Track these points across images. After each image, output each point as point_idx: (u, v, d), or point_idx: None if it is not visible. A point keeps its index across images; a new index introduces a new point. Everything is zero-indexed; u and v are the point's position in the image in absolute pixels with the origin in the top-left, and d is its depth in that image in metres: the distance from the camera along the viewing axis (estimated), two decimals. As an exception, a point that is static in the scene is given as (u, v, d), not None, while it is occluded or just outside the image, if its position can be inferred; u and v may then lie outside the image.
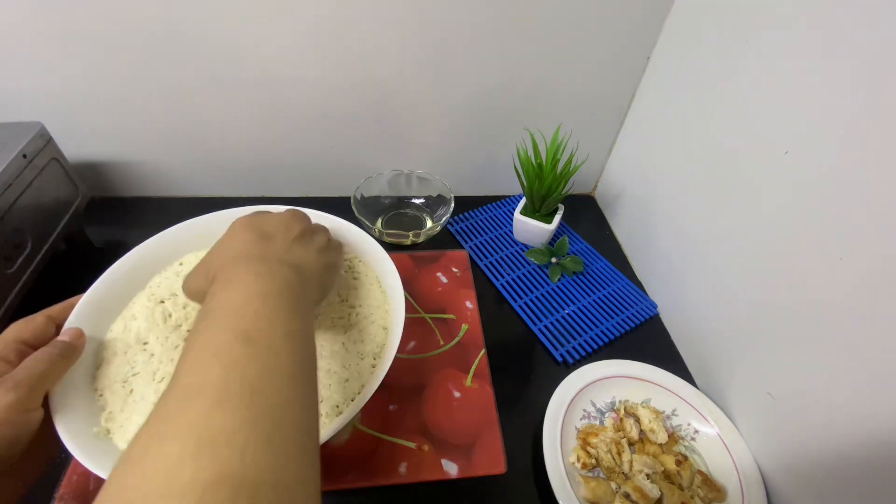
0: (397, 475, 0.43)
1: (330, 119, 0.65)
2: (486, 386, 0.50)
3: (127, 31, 0.54)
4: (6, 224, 0.48)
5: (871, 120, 0.35)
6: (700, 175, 0.55)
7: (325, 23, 0.55)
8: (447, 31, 0.58)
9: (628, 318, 0.61)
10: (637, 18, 0.60)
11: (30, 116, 0.54)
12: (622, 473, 0.46)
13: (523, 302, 0.62)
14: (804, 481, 0.42)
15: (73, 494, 0.40)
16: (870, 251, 0.36)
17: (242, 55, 0.57)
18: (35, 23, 0.52)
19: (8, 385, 0.28)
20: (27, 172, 0.51)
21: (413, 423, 0.47)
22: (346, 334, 0.42)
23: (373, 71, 0.61)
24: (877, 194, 0.35)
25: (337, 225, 0.48)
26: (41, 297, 0.46)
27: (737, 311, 0.50)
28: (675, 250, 0.60)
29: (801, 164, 0.41)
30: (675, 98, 0.59)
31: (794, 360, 0.43)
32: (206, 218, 0.46)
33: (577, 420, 0.50)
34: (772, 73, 0.44)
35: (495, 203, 0.76)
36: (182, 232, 0.44)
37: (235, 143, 0.67)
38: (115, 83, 0.58)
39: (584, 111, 0.69)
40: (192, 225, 0.45)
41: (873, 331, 0.35)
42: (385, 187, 0.71)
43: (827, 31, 0.39)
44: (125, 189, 0.71)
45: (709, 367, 0.54)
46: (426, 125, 0.68)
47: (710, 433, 0.49)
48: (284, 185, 0.73)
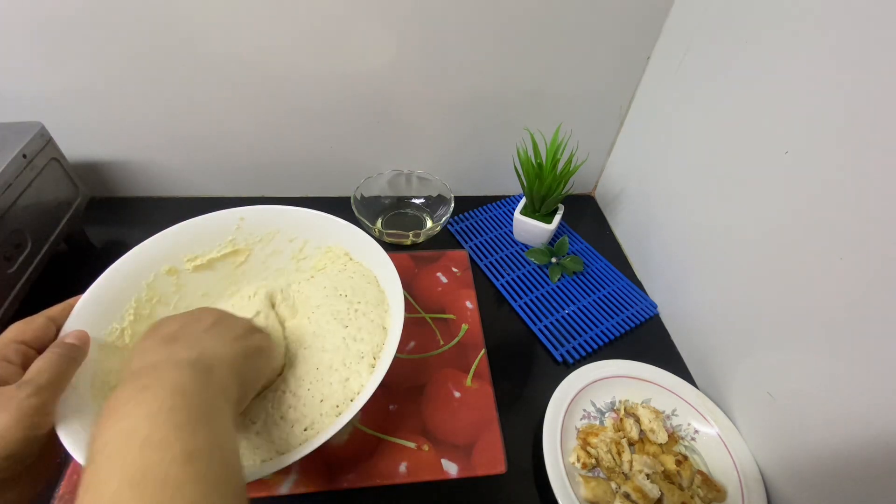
0: (397, 475, 0.43)
1: (330, 119, 0.65)
2: (486, 386, 0.50)
3: (127, 31, 0.54)
4: (6, 224, 0.48)
5: (872, 120, 0.35)
6: (700, 175, 0.55)
7: (325, 23, 0.55)
8: (448, 31, 0.58)
9: (628, 318, 0.61)
10: (637, 18, 0.60)
11: (30, 116, 0.54)
12: (622, 473, 0.46)
13: (523, 302, 0.62)
14: (804, 481, 0.42)
15: (73, 494, 0.40)
16: (870, 251, 0.36)
17: (242, 55, 0.57)
18: (35, 23, 0.52)
19: (29, 390, 0.29)
20: (27, 172, 0.51)
21: (413, 423, 0.47)
22: (346, 329, 0.42)
23: (373, 71, 0.61)
24: (877, 194, 0.35)
25: (335, 225, 0.48)
26: (41, 297, 0.46)
27: (737, 310, 0.50)
28: (676, 250, 0.60)
29: (801, 164, 0.41)
30: (675, 98, 0.59)
31: (794, 360, 0.43)
32: (204, 218, 0.46)
33: (577, 420, 0.50)
34: (771, 72, 0.44)
35: (495, 203, 0.76)
36: (180, 232, 0.44)
37: (235, 144, 0.67)
38: (116, 83, 0.58)
39: (584, 111, 0.69)
40: (191, 225, 0.45)
41: (873, 331, 0.35)
42: (385, 187, 0.71)
43: (827, 30, 0.39)
44: (125, 189, 0.71)
45: (709, 367, 0.54)
46: (426, 125, 0.68)
47: (710, 433, 0.49)
48: (284, 184, 0.73)
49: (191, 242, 0.45)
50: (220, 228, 0.46)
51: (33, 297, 0.51)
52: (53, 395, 0.30)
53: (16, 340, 0.32)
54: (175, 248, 0.44)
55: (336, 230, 0.48)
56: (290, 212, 0.48)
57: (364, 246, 0.47)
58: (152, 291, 0.42)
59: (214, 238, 0.46)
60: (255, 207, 0.47)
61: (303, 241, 0.49)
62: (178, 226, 0.44)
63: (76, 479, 0.41)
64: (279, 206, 0.48)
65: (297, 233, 0.49)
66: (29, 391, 0.28)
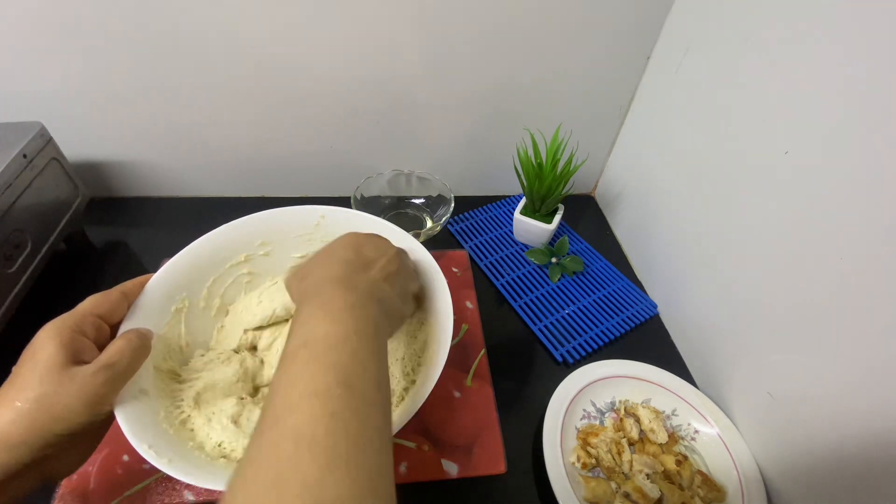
0: (397, 475, 0.43)
1: (330, 119, 0.65)
2: (486, 386, 0.50)
3: (127, 31, 0.54)
4: (6, 224, 0.48)
5: (872, 119, 0.35)
6: (700, 175, 0.55)
7: (325, 24, 0.55)
8: (448, 30, 0.58)
9: (628, 318, 0.61)
10: (637, 18, 0.60)
11: (30, 116, 0.54)
12: (622, 473, 0.46)
13: (523, 302, 0.62)
14: (804, 481, 0.42)
15: (73, 494, 0.40)
16: (870, 251, 0.36)
17: (242, 56, 0.57)
18: (35, 23, 0.52)
19: (105, 377, 0.30)
20: (27, 172, 0.51)
21: (413, 423, 0.47)
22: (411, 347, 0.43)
23: (372, 71, 0.61)
24: (877, 194, 0.35)
25: (406, 240, 0.46)
26: (41, 297, 0.46)
27: (737, 310, 0.50)
28: (676, 250, 0.60)
29: (801, 164, 0.41)
30: (676, 98, 0.60)
31: (794, 359, 0.43)
32: (288, 210, 0.47)
33: (577, 420, 0.50)
34: (772, 72, 0.44)
35: (495, 203, 0.76)
36: (265, 220, 0.46)
37: (235, 144, 0.67)
38: (116, 83, 0.58)
39: (584, 111, 0.69)
40: (275, 214, 0.46)
41: (873, 331, 0.35)
42: (385, 187, 0.71)
43: (827, 30, 0.39)
44: (125, 189, 0.71)
45: (709, 367, 0.54)
46: (426, 125, 0.68)
47: (710, 433, 0.49)
48: (284, 184, 0.73)
49: (270, 231, 0.46)
50: (301, 222, 0.47)
51: (33, 297, 0.51)
52: (122, 383, 0.31)
53: (93, 313, 0.32)
54: (253, 236, 0.46)
55: (405, 246, 0.46)
56: (366, 218, 0.48)
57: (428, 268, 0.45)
58: (228, 275, 0.44)
59: (293, 230, 0.47)
60: (334, 208, 0.47)
61: None
62: (264, 213, 0.46)
63: (76, 478, 0.41)
64: (356, 211, 0.48)
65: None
66: (104, 378, 0.29)
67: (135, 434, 0.30)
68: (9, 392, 0.28)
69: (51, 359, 0.28)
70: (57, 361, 0.28)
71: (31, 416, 0.27)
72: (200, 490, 0.40)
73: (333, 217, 0.47)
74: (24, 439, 0.26)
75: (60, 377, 0.28)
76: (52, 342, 0.29)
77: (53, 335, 0.29)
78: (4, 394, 0.28)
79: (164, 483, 0.41)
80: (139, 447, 0.30)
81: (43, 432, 0.27)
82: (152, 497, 0.40)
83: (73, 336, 0.30)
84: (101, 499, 0.40)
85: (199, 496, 0.40)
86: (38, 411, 0.27)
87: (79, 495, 0.40)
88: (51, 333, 0.29)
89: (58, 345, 0.29)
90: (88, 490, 0.40)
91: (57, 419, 0.27)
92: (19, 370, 0.28)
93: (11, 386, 0.28)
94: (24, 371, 0.28)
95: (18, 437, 0.26)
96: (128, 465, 0.42)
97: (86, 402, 0.28)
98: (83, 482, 0.41)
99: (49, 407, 0.27)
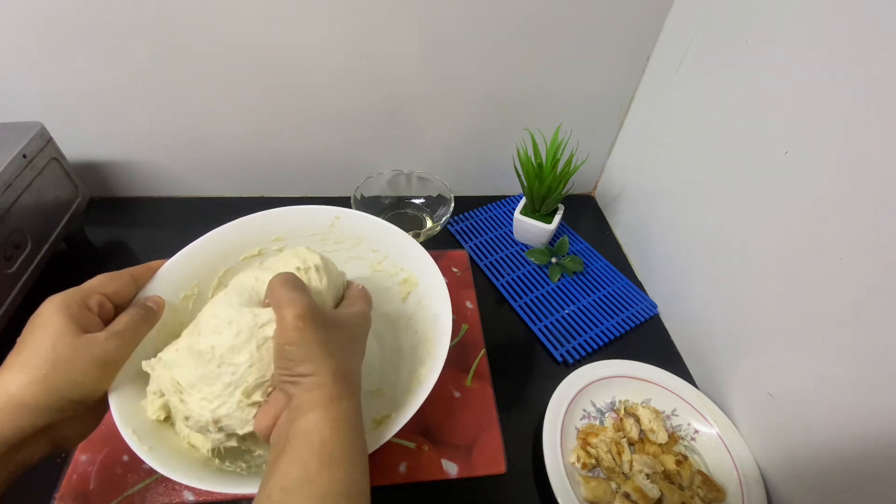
0: (397, 475, 0.43)
1: (330, 119, 0.65)
2: (486, 386, 0.50)
3: (127, 31, 0.54)
4: (6, 224, 0.48)
5: (872, 120, 0.35)
6: (700, 175, 0.55)
7: (325, 25, 0.55)
8: (448, 31, 0.58)
9: (628, 318, 0.61)
10: (637, 18, 0.60)
11: (30, 116, 0.54)
12: (622, 473, 0.46)
13: (523, 302, 0.62)
14: (804, 481, 0.42)
15: (73, 494, 0.40)
16: (870, 251, 0.36)
17: (242, 56, 0.57)
18: (36, 23, 0.52)
19: (117, 343, 0.31)
20: (27, 172, 0.51)
21: (413, 423, 0.47)
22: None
23: (372, 71, 0.60)
24: (877, 194, 0.35)
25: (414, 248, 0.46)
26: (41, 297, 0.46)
27: (737, 310, 0.50)
28: (675, 250, 0.60)
29: (801, 164, 0.41)
30: (676, 98, 0.60)
31: (794, 360, 0.43)
32: (303, 209, 0.46)
33: (577, 420, 0.50)
34: (772, 72, 0.44)
35: (495, 203, 0.76)
36: (279, 216, 0.45)
37: (235, 144, 0.67)
38: (116, 83, 0.58)
39: (584, 111, 0.69)
40: (291, 211, 0.46)
41: (873, 331, 0.35)
42: (385, 187, 0.71)
43: (827, 30, 0.39)
44: (125, 189, 0.71)
45: (709, 367, 0.54)
46: (426, 125, 0.68)
47: (710, 433, 0.49)
48: (285, 184, 0.73)
49: (286, 228, 0.46)
50: (316, 222, 0.47)
51: (33, 297, 0.51)
52: (131, 350, 0.32)
53: (98, 291, 0.33)
54: (268, 232, 0.45)
55: (413, 254, 0.46)
56: (379, 224, 0.47)
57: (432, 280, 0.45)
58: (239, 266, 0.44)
59: (308, 228, 0.47)
60: (350, 210, 0.47)
61: (383, 256, 0.48)
62: (281, 210, 0.45)
63: (76, 479, 0.41)
64: (371, 216, 0.48)
65: (380, 245, 0.48)
66: (117, 343, 0.30)
67: (122, 418, 0.31)
68: (19, 358, 0.28)
69: (62, 326, 0.29)
70: (68, 329, 0.29)
71: (46, 380, 0.27)
72: (200, 490, 0.40)
73: (348, 219, 0.47)
74: (38, 403, 0.27)
75: (75, 343, 0.29)
76: (61, 314, 0.29)
77: (62, 308, 0.30)
78: (14, 361, 0.28)
79: (165, 483, 0.41)
80: (124, 432, 0.30)
81: (58, 397, 0.28)
82: (152, 497, 0.40)
83: (80, 310, 0.30)
84: (101, 499, 0.40)
85: (199, 496, 0.40)
86: (54, 376, 0.28)
87: (79, 495, 0.40)
88: (59, 306, 0.30)
89: (67, 317, 0.29)
90: (88, 490, 0.40)
91: (72, 384, 0.28)
92: (29, 338, 0.29)
93: (20, 353, 0.28)
94: (34, 339, 0.29)
95: (34, 401, 0.27)
96: (128, 465, 0.42)
97: (101, 366, 0.29)
98: (83, 482, 0.41)
99: (66, 371, 0.28)
